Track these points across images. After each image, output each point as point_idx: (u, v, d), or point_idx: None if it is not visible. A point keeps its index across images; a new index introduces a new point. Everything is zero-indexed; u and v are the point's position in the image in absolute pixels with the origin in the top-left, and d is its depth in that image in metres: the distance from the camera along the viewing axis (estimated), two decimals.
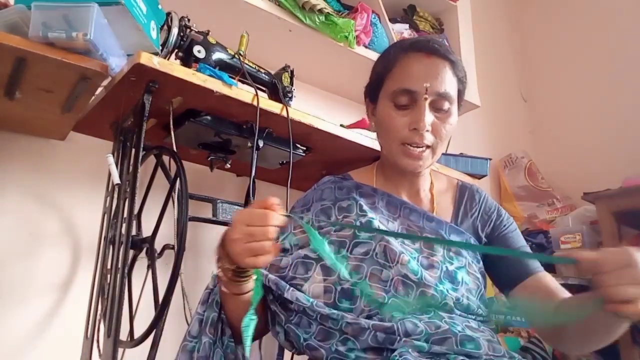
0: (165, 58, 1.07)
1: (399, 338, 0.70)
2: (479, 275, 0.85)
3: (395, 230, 0.85)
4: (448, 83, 0.84)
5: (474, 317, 0.80)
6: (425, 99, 0.82)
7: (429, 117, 0.82)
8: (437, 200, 0.92)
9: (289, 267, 0.81)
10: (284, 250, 0.84)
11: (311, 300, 0.76)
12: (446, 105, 0.84)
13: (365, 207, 0.86)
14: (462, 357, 0.69)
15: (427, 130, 0.82)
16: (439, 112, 0.84)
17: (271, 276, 0.80)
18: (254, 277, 0.71)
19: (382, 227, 0.83)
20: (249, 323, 0.67)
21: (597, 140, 2.40)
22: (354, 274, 0.78)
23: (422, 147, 0.83)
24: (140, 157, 1.02)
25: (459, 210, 0.92)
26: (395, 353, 0.67)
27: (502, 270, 0.88)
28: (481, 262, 0.88)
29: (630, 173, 2.02)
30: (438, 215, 0.89)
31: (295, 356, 0.90)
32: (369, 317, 0.74)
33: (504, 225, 0.91)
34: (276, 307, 0.80)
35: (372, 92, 0.92)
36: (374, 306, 0.75)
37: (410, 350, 0.69)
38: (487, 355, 0.70)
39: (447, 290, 0.78)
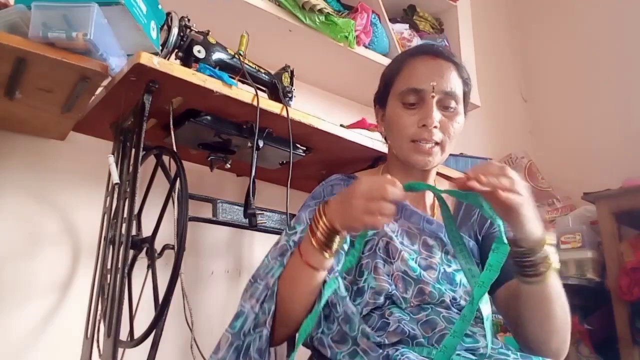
0: (165, 58, 1.07)
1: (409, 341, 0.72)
2: None
3: (395, 231, 0.86)
4: (454, 82, 0.87)
5: None
6: (433, 97, 0.84)
7: (437, 114, 0.84)
8: (438, 205, 0.92)
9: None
10: None
11: (345, 294, 0.78)
12: (453, 104, 0.86)
13: None
14: (460, 352, 0.70)
15: (436, 127, 0.84)
16: (446, 111, 0.86)
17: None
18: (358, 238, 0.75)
19: (385, 225, 0.84)
20: (331, 284, 0.72)
21: (597, 140, 2.40)
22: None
23: (431, 143, 0.85)
24: (140, 157, 1.02)
25: (459, 215, 0.93)
26: (397, 353, 0.67)
27: None
28: (477, 266, 0.88)
29: (630, 173, 2.02)
30: (438, 219, 0.89)
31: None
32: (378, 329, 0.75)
33: (494, 227, 0.91)
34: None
35: (381, 98, 0.95)
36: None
37: (411, 349, 0.69)
38: (485, 349, 0.72)
39: (445, 290, 0.79)
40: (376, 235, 0.83)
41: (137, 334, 0.97)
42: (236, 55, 1.21)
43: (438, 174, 1.02)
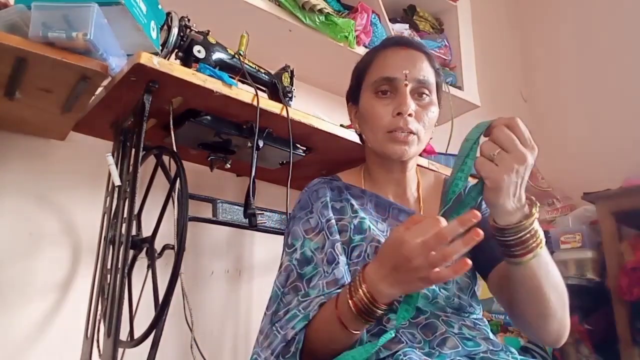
0: (165, 58, 1.07)
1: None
2: (469, 274, 0.85)
3: (385, 231, 0.84)
4: (426, 71, 0.86)
5: (467, 315, 0.81)
6: (406, 85, 0.83)
7: (411, 103, 0.83)
8: (424, 198, 0.92)
9: (344, 277, 0.77)
10: (308, 262, 0.80)
11: None
12: (426, 92, 0.85)
13: (356, 207, 0.86)
14: (461, 358, 0.70)
15: (411, 115, 0.82)
16: (420, 100, 0.85)
17: None
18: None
19: (373, 228, 0.83)
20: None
21: (597, 140, 2.40)
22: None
23: (406, 132, 0.82)
24: (140, 157, 1.02)
25: (447, 207, 0.91)
26: (400, 352, 0.67)
27: (480, 256, 0.83)
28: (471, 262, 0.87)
29: (630, 173, 2.02)
30: (425, 214, 0.88)
31: None
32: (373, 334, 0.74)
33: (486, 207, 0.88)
34: None
35: (354, 94, 0.94)
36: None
37: (414, 349, 0.69)
38: (485, 353, 0.71)
39: (438, 289, 0.78)
40: (364, 241, 0.81)
41: (137, 334, 0.97)
42: (236, 55, 1.21)
43: (433, 171, 1.00)
